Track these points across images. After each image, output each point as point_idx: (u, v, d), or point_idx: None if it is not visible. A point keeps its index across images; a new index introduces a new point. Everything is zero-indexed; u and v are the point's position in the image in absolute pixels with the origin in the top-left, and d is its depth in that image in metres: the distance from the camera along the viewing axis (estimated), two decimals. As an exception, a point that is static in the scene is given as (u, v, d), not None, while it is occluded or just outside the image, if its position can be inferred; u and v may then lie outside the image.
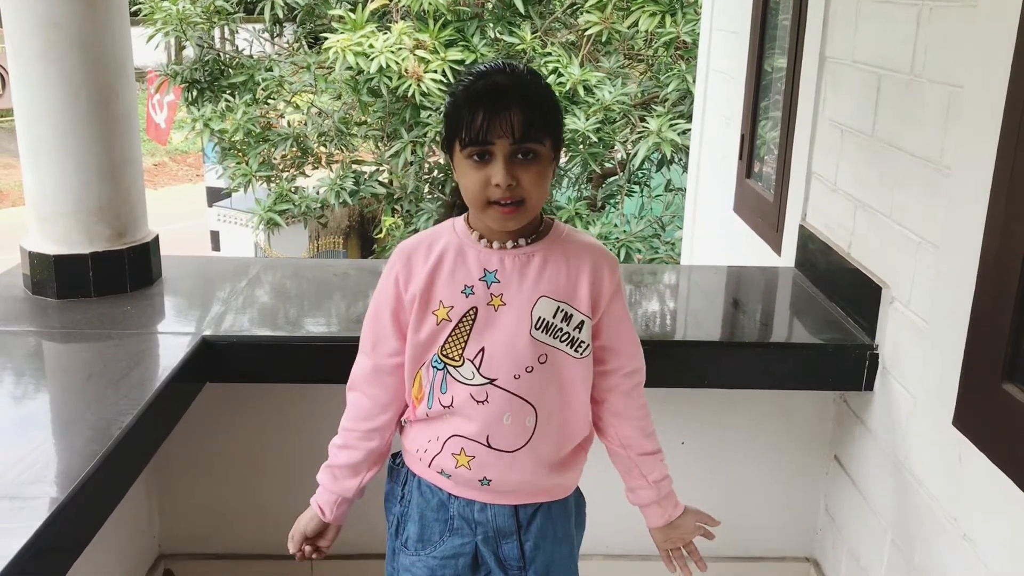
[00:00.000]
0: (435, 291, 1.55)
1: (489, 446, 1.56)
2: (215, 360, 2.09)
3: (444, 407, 1.56)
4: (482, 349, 1.53)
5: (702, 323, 2.51)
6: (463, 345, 1.54)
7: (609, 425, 1.68)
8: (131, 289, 2.34)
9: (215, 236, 12.13)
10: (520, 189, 1.46)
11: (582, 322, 1.56)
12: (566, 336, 1.55)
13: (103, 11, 2.18)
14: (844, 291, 2.39)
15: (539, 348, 1.54)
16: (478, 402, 1.54)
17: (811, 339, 2.30)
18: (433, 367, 1.56)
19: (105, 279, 2.30)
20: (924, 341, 1.94)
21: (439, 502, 1.63)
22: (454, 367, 1.55)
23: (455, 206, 1.64)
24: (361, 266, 3.12)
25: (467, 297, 1.54)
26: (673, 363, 2.23)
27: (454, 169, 1.54)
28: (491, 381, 1.54)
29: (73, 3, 2.14)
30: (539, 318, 1.54)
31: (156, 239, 2.43)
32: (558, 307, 1.55)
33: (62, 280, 2.27)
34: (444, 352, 1.55)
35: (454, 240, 1.57)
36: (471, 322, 1.54)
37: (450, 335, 1.54)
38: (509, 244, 1.56)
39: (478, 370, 1.54)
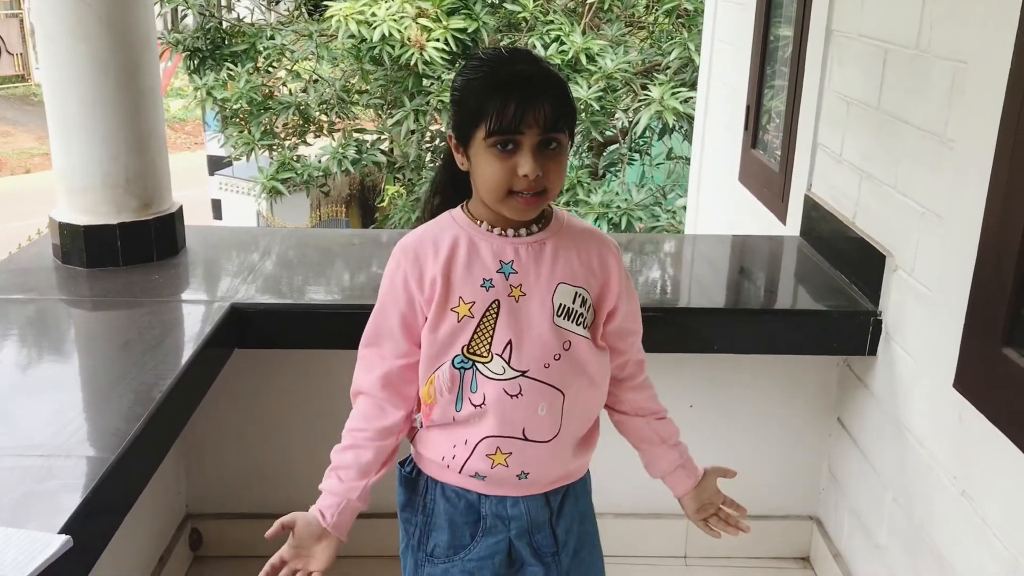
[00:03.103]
0: (453, 287, 1.50)
1: (526, 439, 1.53)
2: (244, 327, 2.16)
3: (475, 406, 1.51)
4: (509, 342, 1.50)
5: (708, 290, 2.58)
6: (490, 340, 1.50)
7: (625, 400, 1.69)
8: (157, 258, 2.42)
9: (216, 204, 12.18)
10: (545, 179, 1.44)
11: (591, 305, 1.57)
12: (581, 318, 1.55)
13: (129, -12, 2.24)
14: (848, 259, 2.47)
15: (562, 335, 1.52)
16: (511, 396, 1.51)
17: (816, 306, 2.38)
18: (458, 367, 1.51)
19: (132, 249, 2.37)
20: (927, 307, 2.02)
21: (467, 504, 1.59)
22: (483, 363, 1.51)
23: (437, 200, 1.59)
24: (375, 236, 3.19)
25: (487, 291, 1.50)
26: (680, 329, 2.31)
27: (466, 157, 1.49)
28: (523, 373, 1.51)
29: (100, -20, 2.19)
30: (560, 305, 1.52)
31: (180, 209, 2.50)
32: (576, 292, 1.54)
33: (91, 250, 2.35)
34: (471, 349, 1.51)
35: (462, 233, 1.53)
36: (495, 316, 1.50)
37: (475, 331, 1.50)
38: (524, 232, 1.53)
39: (508, 363, 1.50)
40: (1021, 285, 1.67)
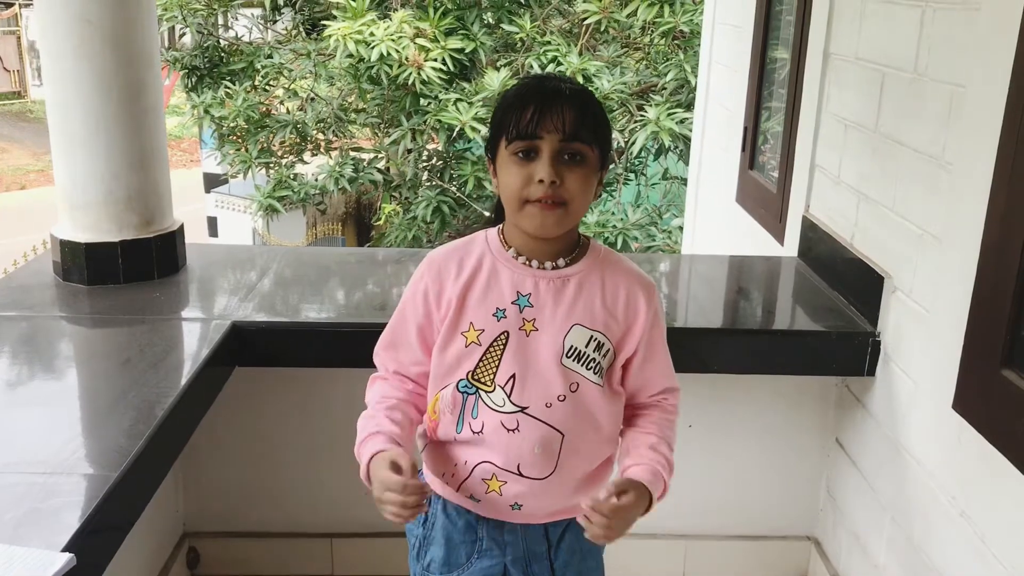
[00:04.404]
0: (466, 311, 1.49)
1: (520, 474, 1.51)
2: (244, 345, 2.16)
3: (474, 433, 1.50)
4: (513, 376, 1.48)
5: (706, 311, 2.59)
6: (494, 370, 1.48)
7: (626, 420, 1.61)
8: (158, 276, 2.42)
9: (212, 222, 12.18)
10: (563, 190, 1.40)
11: (610, 350, 1.51)
12: (595, 364, 1.50)
13: (133, 7, 2.25)
14: (847, 280, 2.48)
15: (570, 376, 1.49)
16: (508, 430, 1.48)
17: (814, 326, 2.38)
18: (462, 392, 1.50)
19: (133, 266, 2.37)
20: (925, 329, 2.03)
21: (466, 523, 1.58)
22: (485, 392, 1.49)
23: (492, 221, 1.58)
24: (371, 254, 3.20)
25: (499, 321, 1.48)
26: (679, 349, 2.28)
27: (496, 175, 1.47)
28: (522, 409, 1.48)
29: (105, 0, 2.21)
30: (571, 347, 1.48)
31: (181, 227, 2.50)
32: (591, 336, 1.49)
33: (92, 267, 2.35)
34: (476, 376, 1.49)
35: (488, 256, 1.51)
36: (502, 347, 1.48)
37: (481, 359, 1.49)
38: (548, 265, 1.50)
39: (509, 397, 1.48)
40: (1019, 306, 1.68)
